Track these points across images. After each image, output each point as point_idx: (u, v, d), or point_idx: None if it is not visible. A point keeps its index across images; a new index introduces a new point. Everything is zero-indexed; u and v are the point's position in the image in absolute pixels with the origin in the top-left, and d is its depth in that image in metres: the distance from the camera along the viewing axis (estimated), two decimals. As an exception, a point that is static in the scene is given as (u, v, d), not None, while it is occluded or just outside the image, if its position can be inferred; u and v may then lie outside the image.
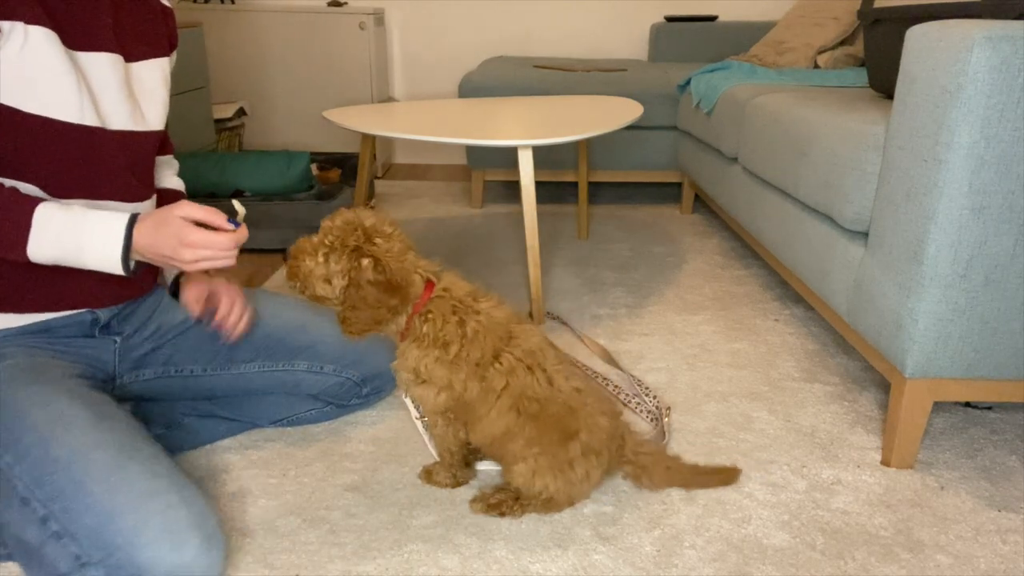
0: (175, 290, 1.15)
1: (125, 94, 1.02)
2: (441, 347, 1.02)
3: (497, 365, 1.02)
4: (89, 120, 0.97)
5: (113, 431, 0.90)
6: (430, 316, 1.02)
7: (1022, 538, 1.05)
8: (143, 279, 1.14)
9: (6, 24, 0.87)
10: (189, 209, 0.93)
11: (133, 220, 0.93)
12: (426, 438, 1.25)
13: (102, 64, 0.99)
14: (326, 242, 0.99)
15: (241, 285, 1.19)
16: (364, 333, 1.02)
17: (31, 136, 0.93)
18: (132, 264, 0.93)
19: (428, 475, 1.15)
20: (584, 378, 1.13)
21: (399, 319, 1.04)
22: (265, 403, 1.27)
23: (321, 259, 0.99)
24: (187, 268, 0.95)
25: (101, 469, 0.84)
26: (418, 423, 1.28)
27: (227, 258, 0.95)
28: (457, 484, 1.14)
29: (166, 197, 1.19)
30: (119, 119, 1.02)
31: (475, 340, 1.02)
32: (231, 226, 0.95)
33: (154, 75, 1.09)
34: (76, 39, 0.95)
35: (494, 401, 1.03)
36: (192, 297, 1.12)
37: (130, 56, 1.05)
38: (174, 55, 1.16)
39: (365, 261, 0.98)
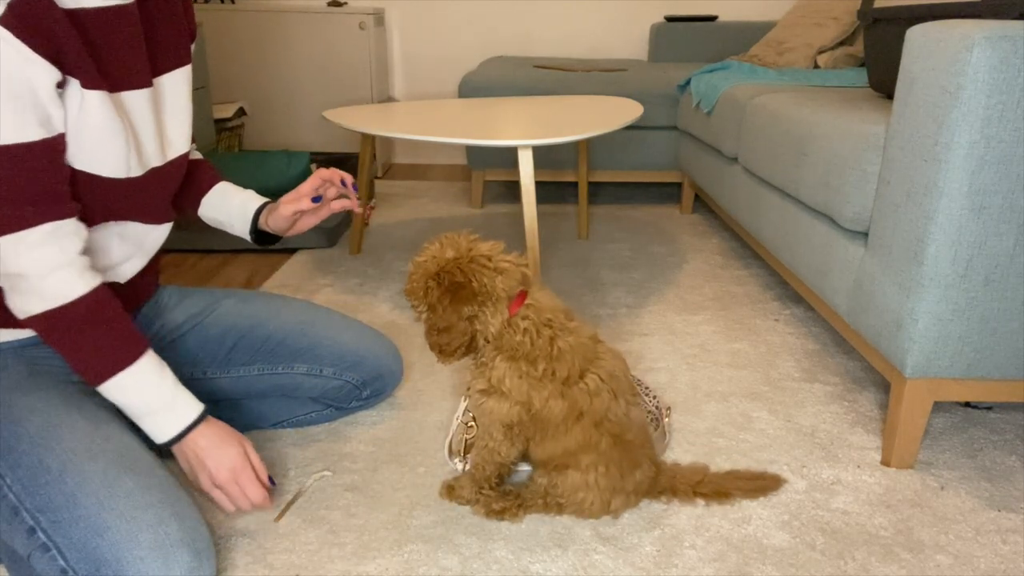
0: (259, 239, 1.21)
1: (155, 129, 1.01)
2: (530, 362, 0.99)
3: (582, 384, 1.01)
4: (134, 172, 0.96)
5: (108, 440, 0.89)
6: (524, 327, 1.00)
7: (1022, 538, 1.05)
8: (146, 286, 1.13)
9: (67, 78, 0.85)
10: (252, 453, 1.00)
11: (201, 418, 0.96)
12: (449, 443, 1.21)
13: (140, 102, 0.97)
14: (414, 304, 1.01)
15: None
16: (456, 354, 1.01)
17: (74, 189, 0.91)
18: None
19: (450, 491, 1.11)
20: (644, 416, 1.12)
21: (489, 323, 0.99)
22: (265, 406, 1.27)
23: (425, 312, 1.00)
24: (205, 489, 0.98)
25: (93, 481, 0.83)
26: (456, 422, 1.22)
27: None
28: (479, 501, 1.09)
29: (196, 164, 1.22)
30: (153, 158, 1.01)
31: (562, 359, 1.00)
32: (269, 484, 1.01)
33: (179, 86, 1.06)
34: (119, 81, 0.93)
35: (574, 420, 1.01)
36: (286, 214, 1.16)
37: (158, 70, 1.02)
38: (193, 46, 1.13)
39: (431, 283, 0.98)
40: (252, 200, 1.20)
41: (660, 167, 2.73)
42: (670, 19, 3.36)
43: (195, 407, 0.96)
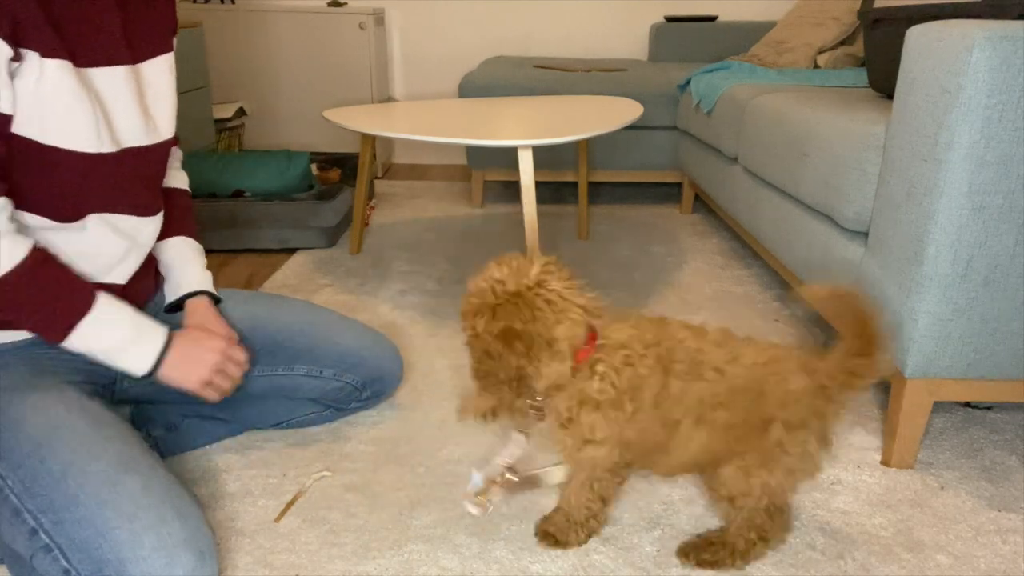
0: (171, 310, 1.15)
1: (138, 108, 1.00)
2: (617, 407, 0.91)
3: (667, 393, 0.92)
4: (106, 147, 0.95)
5: (110, 441, 0.88)
6: (601, 373, 0.91)
7: (1022, 538, 1.05)
8: (146, 288, 1.13)
9: (23, 51, 0.85)
10: (226, 347, 1.06)
11: (170, 338, 1.00)
12: (477, 484, 1.11)
13: (115, 79, 0.96)
14: (463, 327, 0.93)
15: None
16: (494, 393, 0.92)
17: (48, 167, 0.91)
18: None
19: (548, 537, 1.02)
20: (760, 345, 0.97)
21: (543, 374, 0.90)
22: (265, 406, 1.27)
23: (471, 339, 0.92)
24: (196, 389, 1.04)
25: (95, 482, 0.83)
26: (496, 468, 1.11)
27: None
28: (576, 543, 1.02)
29: (171, 197, 1.18)
30: (133, 136, 1.00)
31: (645, 385, 0.91)
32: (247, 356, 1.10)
33: (162, 73, 1.07)
34: (88, 56, 0.92)
35: (676, 429, 0.93)
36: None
37: (139, 56, 1.02)
38: (175, 41, 1.13)
39: (482, 316, 0.89)
40: (187, 284, 1.15)
41: (660, 167, 2.73)
42: (670, 19, 3.36)
43: (161, 331, 1.00)
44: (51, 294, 0.91)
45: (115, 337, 0.95)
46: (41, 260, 0.91)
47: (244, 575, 0.97)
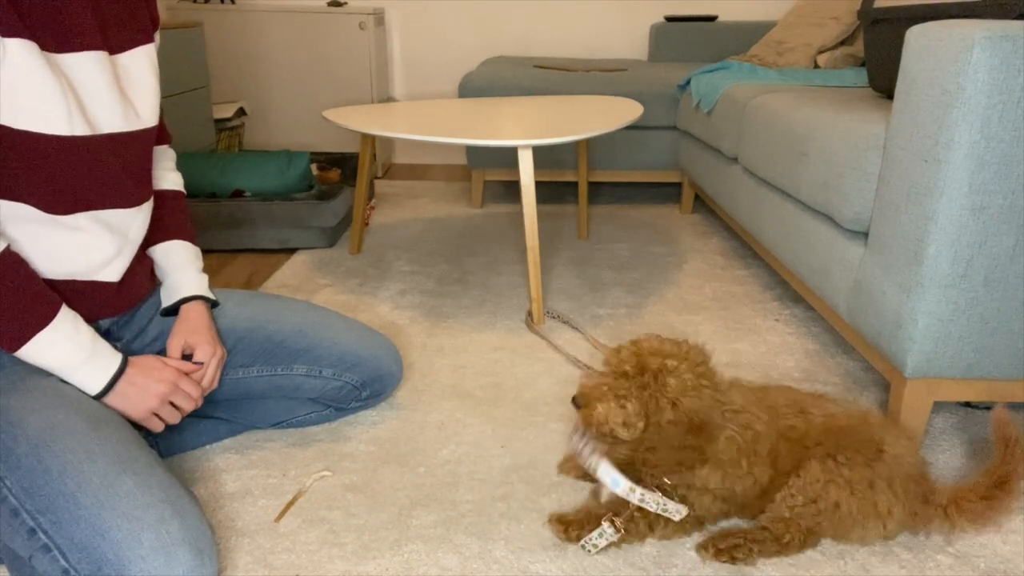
0: (167, 314, 1.15)
1: (116, 93, 0.99)
2: (735, 466, 0.98)
3: (778, 448, 0.99)
4: (79, 130, 0.94)
5: (108, 440, 0.88)
6: (727, 437, 0.97)
7: (1022, 538, 1.05)
8: (140, 285, 1.13)
9: None
10: (179, 378, 1.04)
11: (124, 364, 0.99)
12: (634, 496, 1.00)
13: (87, 64, 0.95)
14: (617, 386, 0.95)
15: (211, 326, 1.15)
16: (668, 475, 0.98)
17: (22, 153, 0.90)
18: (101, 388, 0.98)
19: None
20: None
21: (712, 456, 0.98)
22: (264, 406, 1.27)
23: (614, 404, 0.95)
24: (140, 419, 1.02)
25: (93, 481, 0.83)
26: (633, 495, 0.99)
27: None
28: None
29: (164, 200, 1.18)
30: (111, 121, 0.99)
31: (759, 440, 0.99)
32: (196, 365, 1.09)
33: (142, 64, 1.06)
34: (56, 41, 0.91)
35: (790, 468, 1.00)
36: (175, 344, 1.11)
37: (115, 48, 1.01)
38: (158, 36, 1.12)
39: (663, 402, 0.93)
40: (181, 289, 1.16)
41: (660, 167, 2.74)
42: (670, 19, 3.36)
43: (116, 356, 0.99)
44: (14, 299, 0.89)
45: (69, 354, 0.94)
46: (11, 264, 0.90)
47: (244, 575, 0.97)
